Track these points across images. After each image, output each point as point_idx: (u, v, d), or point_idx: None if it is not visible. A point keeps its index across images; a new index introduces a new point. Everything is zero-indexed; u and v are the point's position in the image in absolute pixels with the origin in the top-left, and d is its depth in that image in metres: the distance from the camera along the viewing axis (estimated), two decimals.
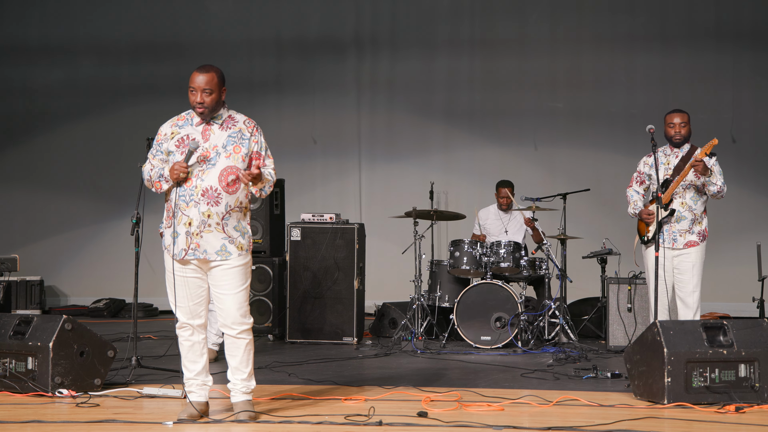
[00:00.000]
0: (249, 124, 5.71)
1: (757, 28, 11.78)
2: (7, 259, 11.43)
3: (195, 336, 5.73)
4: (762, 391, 6.05)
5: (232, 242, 5.61)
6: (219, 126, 5.65)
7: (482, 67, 12.23)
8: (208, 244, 5.58)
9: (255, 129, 5.72)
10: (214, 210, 5.56)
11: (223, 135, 5.63)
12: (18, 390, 6.39)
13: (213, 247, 5.58)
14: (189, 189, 5.56)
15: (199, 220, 5.55)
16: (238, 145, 5.63)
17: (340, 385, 6.85)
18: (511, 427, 5.51)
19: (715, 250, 11.14)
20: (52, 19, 12.87)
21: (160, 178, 5.62)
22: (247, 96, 12.19)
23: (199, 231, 5.56)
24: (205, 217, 5.55)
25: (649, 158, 7.54)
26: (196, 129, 5.65)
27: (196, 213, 5.55)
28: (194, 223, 5.56)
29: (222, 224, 5.58)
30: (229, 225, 5.60)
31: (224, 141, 5.62)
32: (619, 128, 11.73)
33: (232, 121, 5.69)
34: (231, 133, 5.64)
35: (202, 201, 5.55)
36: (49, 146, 12.92)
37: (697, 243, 7.43)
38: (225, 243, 5.59)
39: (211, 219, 5.56)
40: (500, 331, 8.84)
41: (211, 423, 5.61)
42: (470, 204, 10.96)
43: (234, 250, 5.61)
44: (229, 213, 5.60)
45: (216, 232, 5.58)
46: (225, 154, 5.59)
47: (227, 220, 5.59)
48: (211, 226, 5.57)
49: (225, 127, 5.65)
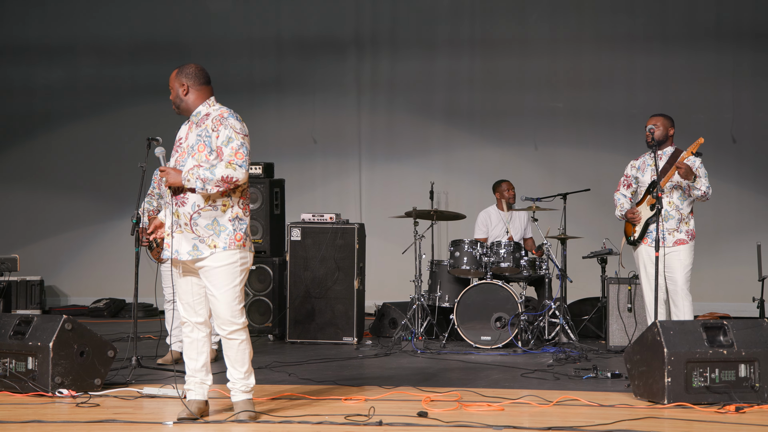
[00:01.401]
0: (216, 120, 5.57)
1: (757, 28, 11.78)
2: (7, 259, 11.42)
3: (195, 333, 5.72)
4: (762, 391, 6.05)
5: (202, 242, 5.55)
6: (196, 125, 5.66)
7: (482, 67, 12.23)
8: (179, 245, 5.59)
9: (219, 123, 5.55)
10: (182, 210, 5.56)
11: (194, 134, 5.64)
12: (18, 390, 6.39)
13: (184, 248, 5.57)
14: (165, 189, 5.67)
15: (170, 220, 5.59)
16: (203, 144, 5.57)
17: (340, 385, 6.85)
18: (511, 427, 5.51)
19: (715, 250, 11.19)
20: (52, 19, 12.87)
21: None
22: (247, 96, 12.19)
23: (171, 232, 5.59)
24: (176, 217, 5.58)
25: (636, 161, 7.63)
26: (185, 128, 5.73)
27: (168, 214, 5.61)
28: (167, 224, 5.62)
29: (191, 224, 5.55)
30: (200, 225, 5.54)
31: (194, 141, 5.61)
32: (619, 128, 11.72)
33: (206, 118, 5.63)
34: (199, 131, 5.61)
35: (172, 202, 5.58)
36: (49, 146, 12.92)
37: (686, 241, 7.45)
38: (195, 243, 5.55)
39: (180, 219, 5.57)
40: (500, 331, 8.84)
41: (211, 423, 5.61)
42: (470, 204, 10.96)
43: (205, 249, 5.54)
44: (199, 213, 5.54)
45: (186, 233, 5.57)
46: (192, 153, 5.58)
47: (196, 220, 5.54)
48: (181, 227, 5.58)
49: (197, 126, 5.65)
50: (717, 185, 7.72)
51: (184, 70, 5.68)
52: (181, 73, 5.67)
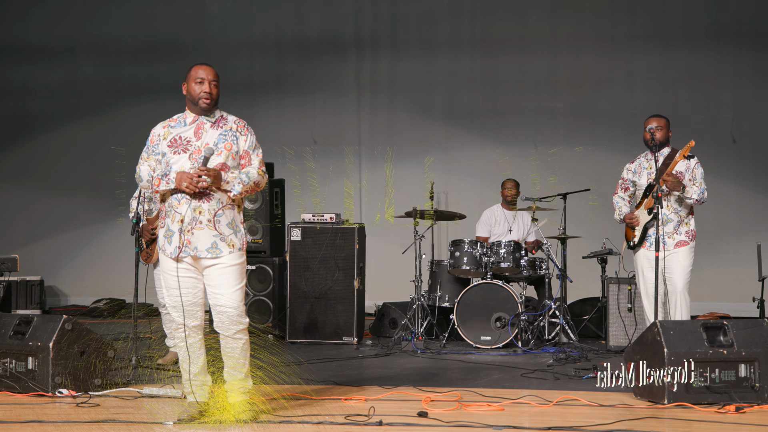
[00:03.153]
0: (239, 124, 5.75)
1: (757, 28, 11.78)
2: (7, 259, 11.42)
3: (191, 338, 5.71)
4: (762, 391, 6.05)
5: (223, 240, 5.60)
6: (211, 124, 5.68)
7: (482, 67, 12.23)
8: (198, 241, 5.57)
9: (245, 128, 5.75)
10: (205, 206, 5.56)
11: (215, 133, 5.66)
12: (18, 390, 6.39)
13: (204, 245, 5.57)
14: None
15: (190, 216, 5.56)
16: (230, 143, 5.65)
17: (340, 385, 6.85)
18: (511, 427, 5.51)
19: (715, 250, 11.19)
20: (52, 19, 12.87)
21: (163, 177, 5.60)
22: (247, 96, 12.20)
23: (191, 228, 5.56)
24: (197, 213, 5.56)
25: (632, 164, 7.63)
26: (189, 128, 5.67)
27: (187, 210, 5.56)
28: (186, 220, 5.57)
29: (214, 221, 5.57)
30: (221, 222, 5.60)
31: (216, 139, 5.64)
32: (619, 128, 11.72)
33: (224, 120, 5.73)
34: (222, 131, 5.68)
35: (194, 197, 5.55)
36: (49, 146, 12.92)
37: (687, 242, 7.44)
38: (216, 240, 5.58)
39: (202, 216, 5.56)
40: (500, 331, 8.84)
41: (211, 423, 5.60)
42: (470, 204, 10.96)
43: (225, 247, 5.60)
44: (222, 210, 5.59)
45: (207, 230, 5.57)
46: (217, 151, 5.62)
47: (219, 217, 5.59)
48: (203, 223, 5.57)
49: (217, 126, 5.69)
50: (717, 185, 7.73)
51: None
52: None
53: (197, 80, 5.64)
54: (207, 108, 5.65)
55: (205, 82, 5.63)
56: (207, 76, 5.64)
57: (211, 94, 5.64)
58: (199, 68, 5.67)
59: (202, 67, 5.68)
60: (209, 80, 5.64)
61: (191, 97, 5.66)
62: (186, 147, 5.63)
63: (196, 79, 5.64)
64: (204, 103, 5.64)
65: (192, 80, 5.65)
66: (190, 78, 5.67)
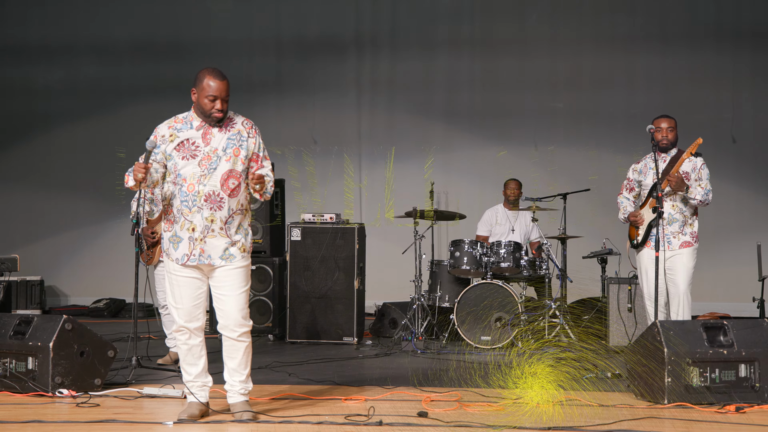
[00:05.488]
0: (247, 125, 5.69)
1: (757, 28, 11.79)
2: (7, 259, 11.43)
3: (192, 339, 5.71)
4: (762, 391, 6.04)
5: (234, 245, 5.61)
6: (219, 129, 5.62)
7: (482, 67, 12.23)
8: (212, 249, 5.57)
9: (253, 129, 5.70)
10: (217, 215, 5.55)
11: (223, 138, 5.61)
12: (18, 390, 6.39)
13: (217, 252, 5.57)
14: (191, 194, 5.53)
15: (202, 225, 5.54)
16: (238, 148, 5.61)
17: (340, 385, 6.84)
18: (511, 427, 5.51)
19: (715, 250, 11.20)
20: (52, 19, 12.87)
21: (129, 173, 5.58)
22: (247, 96, 12.20)
23: (203, 236, 5.55)
24: (209, 222, 5.54)
25: (638, 164, 7.60)
26: (197, 132, 5.60)
27: (199, 218, 5.53)
28: (198, 229, 5.54)
29: (225, 228, 5.57)
30: (232, 228, 5.60)
31: (224, 144, 5.59)
32: (619, 128, 11.73)
33: (231, 122, 5.67)
34: (230, 135, 5.62)
35: (205, 206, 5.53)
36: (49, 146, 12.93)
37: (691, 243, 7.43)
38: (228, 247, 5.59)
39: (214, 224, 5.55)
40: (500, 331, 8.84)
41: (211, 423, 5.61)
42: (470, 204, 10.97)
43: (237, 252, 5.61)
44: (232, 216, 5.59)
45: (219, 237, 5.57)
46: (225, 157, 5.57)
47: (230, 224, 5.59)
48: (215, 231, 5.56)
49: (224, 130, 5.63)
50: (717, 185, 7.71)
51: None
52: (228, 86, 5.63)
53: (209, 97, 5.51)
54: (219, 121, 5.60)
55: (218, 100, 5.52)
56: (220, 94, 5.52)
57: (223, 111, 5.57)
58: (211, 80, 5.52)
59: (214, 80, 5.52)
60: (222, 98, 5.53)
61: (202, 110, 5.56)
62: (195, 153, 5.57)
63: (208, 95, 5.51)
64: (215, 119, 5.57)
65: (204, 95, 5.52)
66: (201, 90, 5.53)
